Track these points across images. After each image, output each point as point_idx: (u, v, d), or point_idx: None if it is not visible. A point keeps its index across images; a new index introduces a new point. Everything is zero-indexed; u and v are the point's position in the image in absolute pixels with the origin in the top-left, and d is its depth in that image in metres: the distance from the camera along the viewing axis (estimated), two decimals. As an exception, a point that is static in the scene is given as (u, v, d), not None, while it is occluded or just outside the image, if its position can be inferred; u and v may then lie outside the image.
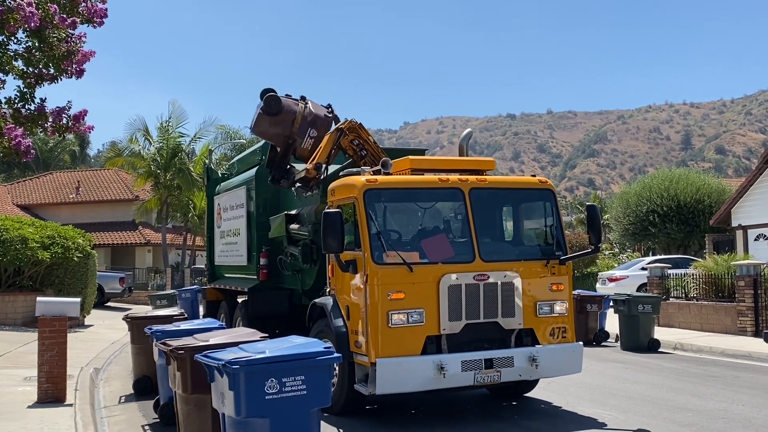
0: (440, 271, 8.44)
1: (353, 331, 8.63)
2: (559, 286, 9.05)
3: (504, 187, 9.55)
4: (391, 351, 8.12)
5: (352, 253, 8.65)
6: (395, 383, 8.09)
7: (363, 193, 8.56)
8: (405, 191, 9.10)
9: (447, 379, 8.14)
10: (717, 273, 19.34)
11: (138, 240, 41.00)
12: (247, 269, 13.35)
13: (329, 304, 9.18)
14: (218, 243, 15.78)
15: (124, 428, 8.88)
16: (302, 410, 5.59)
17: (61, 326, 9.86)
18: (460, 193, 8.90)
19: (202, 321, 9.22)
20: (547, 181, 9.63)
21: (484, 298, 8.51)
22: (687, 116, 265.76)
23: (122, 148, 39.81)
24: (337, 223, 8.35)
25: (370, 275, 8.28)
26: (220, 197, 15.70)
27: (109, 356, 15.26)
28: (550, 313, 8.94)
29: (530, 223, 9.87)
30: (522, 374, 8.68)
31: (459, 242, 8.94)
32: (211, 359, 5.77)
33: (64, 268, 19.95)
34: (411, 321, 8.24)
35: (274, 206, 12.73)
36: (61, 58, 6.94)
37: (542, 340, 8.85)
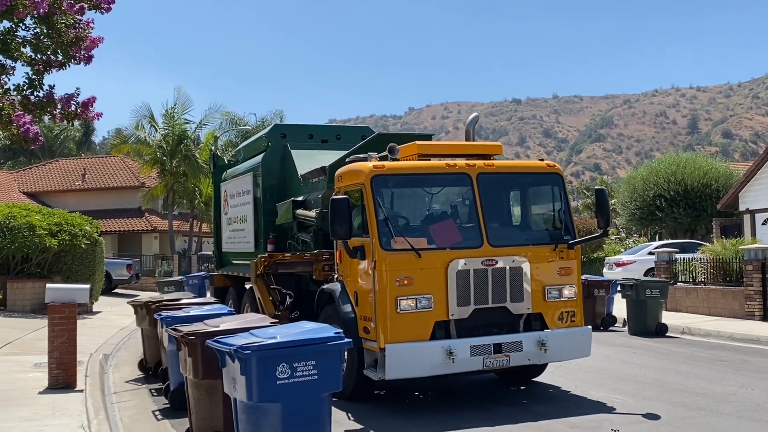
0: (448, 256, 8.40)
1: (362, 317, 8.62)
2: (568, 270, 9.01)
3: (512, 171, 9.49)
4: (400, 336, 8.12)
5: (359, 240, 8.61)
6: (404, 368, 8.09)
7: (370, 179, 8.53)
8: (412, 177, 9.04)
9: (456, 364, 8.13)
10: (725, 257, 19.30)
11: (145, 227, 41.06)
12: (255, 255, 13.02)
13: (337, 290, 9.16)
14: (225, 230, 15.75)
15: (134, 413, 8.93)
16: (313, 395, 5.61)
17: (71, 312, 9.90)
18: (467, 178, 8.84)
19: (212, 307, 9.22)
20: (554, 165, 9.55)
21: (492, 283, 8.47)
22: (693, 100, 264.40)
23: (128, 135, 39.78)
24: (344, 209, 8.28)
25: (379, 261, 8.26)
26: (226, 184, 15.65)
27: (118, 342, 15.33)
28: (559, 298, 8.90)
29: (538, 208, 9.76)
30: (531, 358, 8.67)
31: (467, 227, 8.90)
32: (222, 344, 5.79)
33: (71, 255, 20.02)
34: (419, 306, 8.22)
35: (280, 193, 12.71)
36: (70, 44, 6.92)
37: (551, 325, 8.81)
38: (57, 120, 7.61)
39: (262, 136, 13.97)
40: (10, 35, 6.89)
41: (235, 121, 41.82)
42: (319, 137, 13.35)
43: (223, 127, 40.76)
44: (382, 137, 10.68)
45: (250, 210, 13.54)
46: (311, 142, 13.15)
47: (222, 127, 40.62)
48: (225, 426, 6.48)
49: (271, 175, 12.93)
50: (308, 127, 13.63)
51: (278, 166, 12.96)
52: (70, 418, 8.02)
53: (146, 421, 8.52)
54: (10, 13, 6.36)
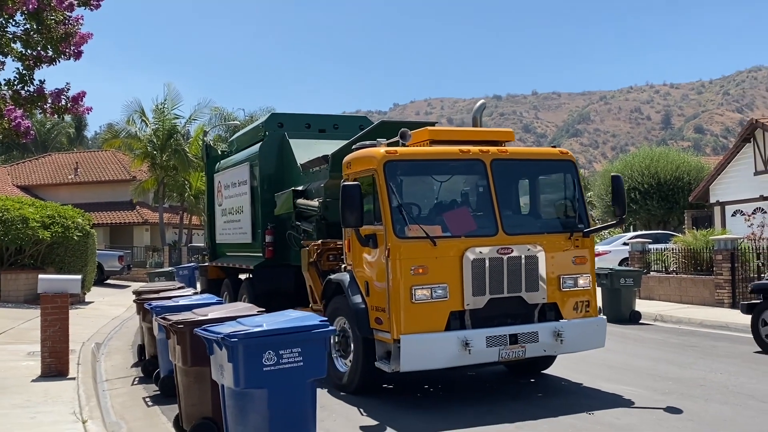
0: (463, 244, 7.92)
1: (373, 308, 8.13)
2: (583, 259, 8.56)
3: (525, 158, 8.95)
4: (414, 327, 7.64)
5: (371, 228, 8.14)
6: (420, 360, 7.65)
7: (383, 165, 8.02)
8: (425, 163, 8.50)
9: (472, 356, 7.69)
10: (696, 247, 19.45)
11: (136, 219, 40.82)
12: (252, 246, 12.89)
13: (346, 280, 8.64)
14: (219, 221, 15.18)
15: (125, 400, 8.89)
16: (299, 381, 5.59)
17: (63, 302, 9.84)
18: (481, 165, 8.34)
19: (201, 296, 9.19)
20: (567, 152, 9.10)
21: (507, 272, 8.00)
22: (667, 96, 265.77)
23: (119, 130, 39.53)
24: (355, 196, 7.85)
25: (393, 250, 7.78)
26: (220, 175, 15.07)
27: (109, 332, 15.25)
28: (574, 287, 8.43)
29: (552, 195, 9.24)
30: (546, 350, 8.22)
31: (481, 215, 8.40)
32: (210, 333, 5.76)
33: (64, 247, 19.89)
34: (435, 296, 7.75)
35: (278, 182, 12.22)
36: (59, 40, 6.86)
37: (566, 315, 8.36)
38: (48, 114, 7.54)
39: (259, 126, 13.40)
40: (0, 31, 6.83)
41: (224, 116, 41.68)
42: (317, 127, 12.82)
43: (212, 122, 40.72)
44: (386, 125, 10.19)
45: (247, 200, 13.02)
46: (309, 131, 12.62)
47: (211, 122, 40.60)
48: (213, 411, 6.45)
49: (269, 164, 12.39)
50: (305, 116, 13.08)
51: (276, 155, 12.43)
52: (63, 405, 7.98)
53: (137, 408, 8.49)
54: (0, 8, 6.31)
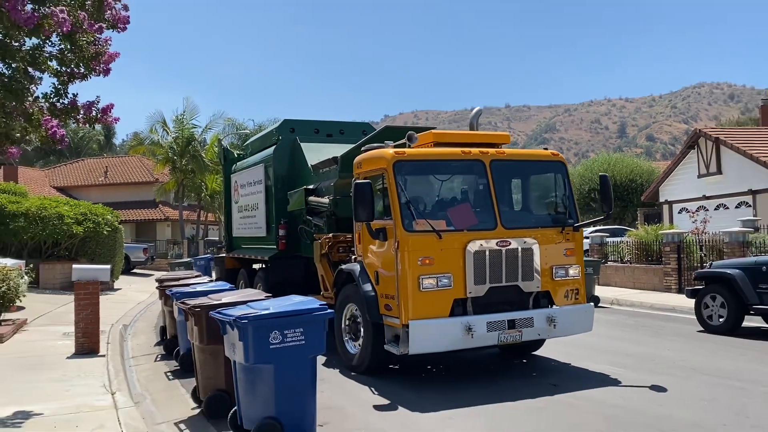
0: (466, 237, 7.74)
1: (382, 295, 7.92)
2: (573, 251, 8.39)
3: (520, 159, 8.71)
4: (421, 313, 7.46)
5: (381, 222, 7.94)
6: (426, 343, 7.44)
7: (393, 164, 7.84)
8: (430, 163, 8.29)
9: (474, 339, 7.51)
10: (647, 240, 19.54)
11: (158, 216, 40.73)
12: (266, 240, 12.69)
13: (357, 270, 8.40)
14: (236, 216, 14.93)
15: (149, 375, 8.86)
16: (302, 357, 5.59)
17: (94, 289, 9.80)
18: (481, 165, 8.17)
19: (216, 283, 9.14)
20: (558, 154, 8.90)
21: (506, 262, 7.81)
22: (623, 109, 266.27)
23: (143, 138, 39.46)
24: (367, 193, 7.66)
25: (401, 242, 7.59)
26: (237, 175, 14.80)
27: (135, 315, 15.19)
28: (565, 277, 8.27)
29: (544, 193, 9.04)
30: (541, 333, 8.04)
31: (481, 211, 8.19)
32: (223, 315, 5.75)
33: (95, 241, 19.83)
34: (440, 285, 7.56)
35: (290, 182, 12.02)
36: (90, 58, 6.80)
37: (558, 302, 8.21)
38: (80, 124, 7.49)
39: (273, 131, 13.09)
40: (38, 50, 6.76)
41: (236, 125, 41.59)
42: (325, 132, 12.60)
43: (225, 131, 40.66)
44: (389, 129, 10.01)
45: (262, 198, 12.80)
46: (317, 136, 12.43)
47: (225, 131, 40.54)
48: (226, 384, 6.44)
49: (282, 165, 12.20)
50: (314, 122, 12.82)
51: (288, 157, 12.25)
52: (94, 379, 7.95)
53: (159, 381, 8.46)
54: (37, 30, 6.24)
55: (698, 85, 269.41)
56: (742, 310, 11.28)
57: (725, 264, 12.13)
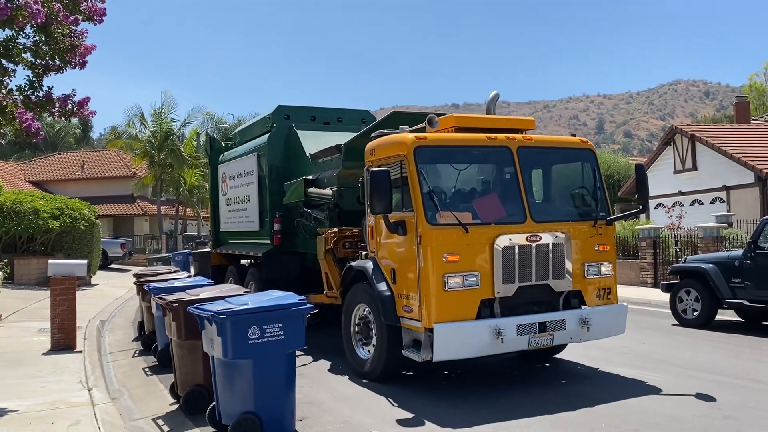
0: (494, 232, 6.97)
1: (400, 295, 7.16)
2: (605, 247, 7.68)
3: (549, 146, 7.91)
4: (446, 316, 6.70)
5: (399, 214, 7.15)
6: (453, 349, 6.71)
7: (413, 151, 7.01)
8: (454, 149, 7.43)
9: (504, 344, 6.76)
10: (624, 235, 19.76)
11: (136, 211, 40.37)
12: (259, 234, 11.94)
13: (369, 267, 7.63)
14: (223, 210, 14.03)
15: (127, 370, 8.78)
16: (280, 352, 5.57)
17: (70, 284, 9.69)
18: (508, 152, 7.38)
19: (194, 279, 9.11)
20: (587, 141, 8.14)
21: (536, 259, 7.10)
22: (600, 106, 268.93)
23: (121, 132, 39.08)
24: (385, 182, 6.87)
25: (424, 237, 6.78)
26: (225, 166, 13.89)
27: (113, 310, 15.04)
28: (597, 275, 7.57)
29: (574, 184, 8.15)
30: (573, 337, 7.29)
31: (509, 202, 7.42)
32: (201, 310, 5.71)
33: (72, 235, 19.58)
34: (467, 284, 6.79)
35: (286, 172, 11.28)
36: (66, 51, 6.72)
37: (590, 302, 7.49)
38: (56, 117, 7.40)
39: (266, 117, 12.17)
40: (11, 42, 6.66)
41: (215, 120, 41.38)
42: (322, 119, 11.90)
43: (204, 125, 40.42)
44: (397, 115, 9.26)
45: (254, 190, 11.96)
46: (314, 123, 11.73)
47: (203, 125, 40.29)
48: (204, 379, 6.41)
49: (277, 154, 11.41)
50: (311, 109, 12.03)
51: (283, 146, 11.49)
52: (70, 375, 7.86)
53: (137, 377, 8.38)
54: (11, 22, 6.15)
55: (675, 82, 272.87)
56: (716, 304, 11.47)
57: (699, 259, 12.31)
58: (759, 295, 10.88)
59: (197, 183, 38.90)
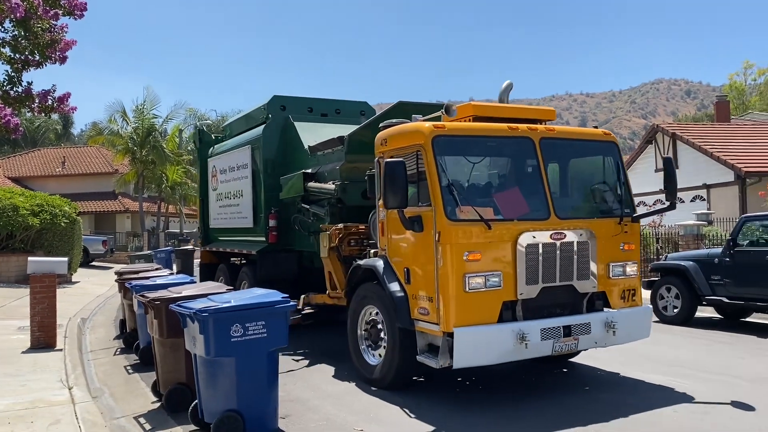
0: (517, 228, 6.51)
1: (415, 296, 6.68)
2: (631, 245, 7.23)
3: (572, 137, 7.43)
4: (467, 319, 6.24)
5: (415, 209, 6.63)
6: (473, 355, 6.24)
7: (431, 140, 6.52)
8: (474, 139, 6.92)
9: (528, 350, 6.32)
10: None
11: (118, 208, 40.02)
12: (253, 231, 11.38)
13: (380, 266, 7.14)
14: (213, 205, 13.36)
15: (108, 369, 8.70)
16: (263, 350, 5.56)
17: (50, 282, 9.59)
18: (530, 143, 6.91)
19: (176, 276, 9.04)
20: (610, 133, 7.70)
21: (560, 258, 6.65)
22: (583, 104, 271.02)
23: (103, 128, 38.74)
24: (400, 174, 6.38)
25: (444, 233, 6.29)
26: (215, 159, 13.22)
27: (94, 308, 14.90)
28: (622, 275, 7.12)
29: (597, 178, 7.69)
30: (597, 341, 6.84)
31: (531, 197, 6.96)
32: (183, 308, 5.68)
33: (52, 232, 19.35)
34: (488, 285, 6.32)
35: (282, 166, 10.74)
36: (46, 46, 6.65)
37: (614, 304, 7.06)
38: (35, 113, 7.31)
39: (261, 108, 11.56)
40: (-10, 37, 6.61)
41: (198, 116, 41.07)
42: (319, 111, 11.41)
43: (187, 121, 40.14)
44: (403, 105, 8.83)
45: (248, 184, 11.42)
46: (311, 115, 11.23)
47: (186, 121, 40.00)
48: (187, 377, 6.37)
49: (272, 147, 10.86)
50: (307, 100, 11.53)
51: (279, 138, 10.96)
52: (50, 374, 7.78)
53: (119, 375, 8.31)
54: (-11, 16, 6.09)
55: (657, 81, 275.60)
56: (696, 301, 11.61)
57: (680, 256, 12.45)
58: (737, 292, 11.03)
59: (180, 180, 38.63)
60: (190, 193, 39.94)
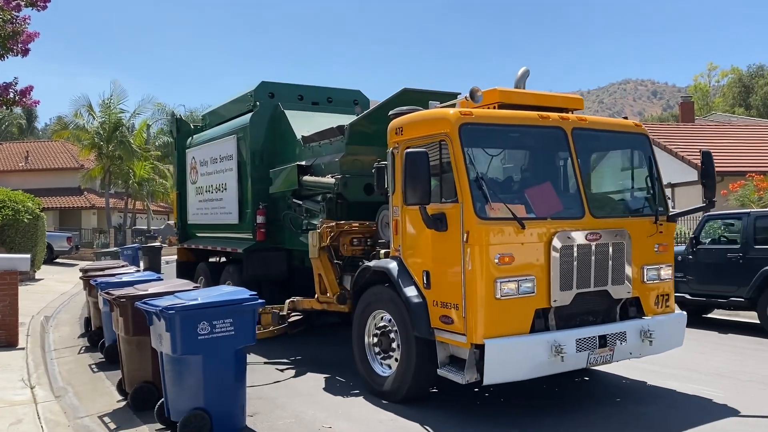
0: (551, 228, 5.91)
1: (435, 303, 6.03)
2: (665, 246, 6.69)
3: (604, 128, 6.82)
4: (498, 329, 5.62)
5: (438, 206, 5.98)
6: (506, 370, 5.65)
7: (458, 129, 5.86)
8: (504, 129, 6.28)
9: (564, 363, 5.76)
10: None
11: (84, 204, 39.38)
12: (239, 228, 10.62)
13: (393, 268, 6.49)
14: (193, 200, 12.47)
15: (72, 367, 8.56)
16: (231, 348, 5.52)
17: (12, 279, 9.39)
18: (561, 134, 6.31)
19: (143, 273, 8.93)
20: (641, 125, 7.11)
21: (595, 261, 6.08)
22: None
23: (68, 122, 37.92)
24: (423, 166, 5.73)
25: (473, 233, 5.64)
26: (195, 150, 12.36)
27: (58, 306, 14.62)
28: (657, 279, 6.59)
29: (629, 173, 7.11)
30: (633, 352, 6.30)
31: (563, 193, 6.43)
32: (149, 306, 5.61)
33: (14, 229, 18.93)
34: (521, 291, 5.71)
35: (271, 157, 10.03)
36: (7, 38, 6.50)
37: (647, 311, 6.51)
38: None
39: (248, 95, 10.74)
40: (-52, 27, 6.43)
41: (166, 111, 40.47)
42: (310, 99, 10.70)
43: (155, 116, 39.64)
44: (408, 93, 8.15)
45: (233, 177, 10.61)
46: (301, 103, 10.53)
47: (154, 117, 39.51)
48: (153, 376, 6.31)
49: (260, 137, 10.12)
50: (297, 87, 10.81)
51: (269, 127, 10.20)
52: (12, 373, 7.62)
53: (83, 374, 8.18)
54: (-53, 6, 5.93)
55: (624, 81, 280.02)
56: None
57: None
58: (700, 288, 11.29)
59: (147, 176, 38.10)
60: (158, 189, 39.42)
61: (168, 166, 41.64)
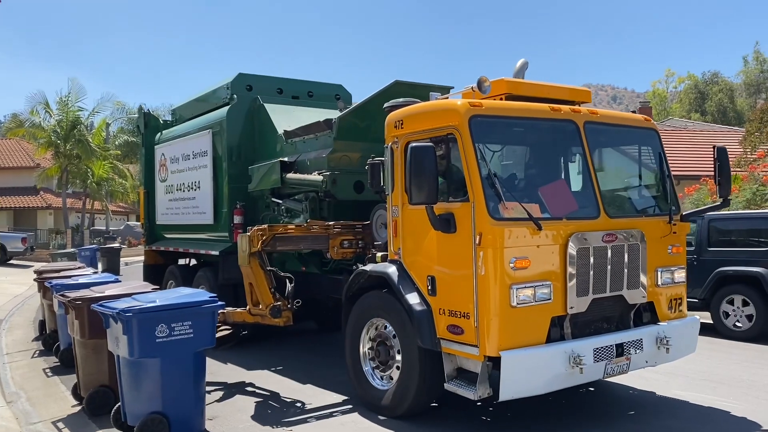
0: (567, 229, 5.51)
1: (442, 311, 5.54)
2: (679, 248, 6.37)
3: (616, 123, 6.43)
4: (514, 340, 5.20)
5: (445, 205, 5.52)
6: (523, 385, 5.23)
7: (468, 121, 5.41)
8: (513, 121, 5.82)
9: (582, 375, 5.35)
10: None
11: (40, 204, 38.45)
12: (213, 228, 10.05)
13: (393, 273, 6.01)
14: (162, 199, 11.77)
15: (26, 372, 8.35)
16: (189, 350, 5.47)
17: (-38, 281, 9.10)
18: (573, 128, 5.92)
19: (100, 275, 8.76)
20: (650, 119, 6.78)
21: (611, 265, 5.72)
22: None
23: (23, 120, 36.82)
24: (430, 162, 5.24)
25: (486, 235, 5.19)
26: (164, 146, 11.71)
27: (11, 308, 14.25)
28: (671, 282, 6.24)
29: (640, 170, 6.76)
30: (648, 360, 5.93)
31: (577, 192, 6.03)
32: (106, 308, 5.52)
33: (-34, 229, 18.39)
34: (537, 298, 5.29)
35: (249, 154, 9.57)
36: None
37: (661, 316, 6.17)
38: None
39: (223, 87, 10.19)
40: None
41: (126, 110, 39.79)
42: (290, 92, 10.22)
43: (115, 115, 38.91)
44: (399, 85, 7.76)
45: (207, 174, 10.06)
46: (281, 97, 10.06)
47: (113, 115, 38.79)
48: (110, 379, 6.20)
49: (238, 132, 9.62)
50: (277, 80, 10.28)
51: (247, 121, 9.70)
52: (-39, 378, 7.40)
53: (37, 378, 8.00)
54: None
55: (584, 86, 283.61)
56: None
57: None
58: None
59: (106, 175, 37.36)
60: (117, 190, 38.70)
61: (128, 165, 40.82)
